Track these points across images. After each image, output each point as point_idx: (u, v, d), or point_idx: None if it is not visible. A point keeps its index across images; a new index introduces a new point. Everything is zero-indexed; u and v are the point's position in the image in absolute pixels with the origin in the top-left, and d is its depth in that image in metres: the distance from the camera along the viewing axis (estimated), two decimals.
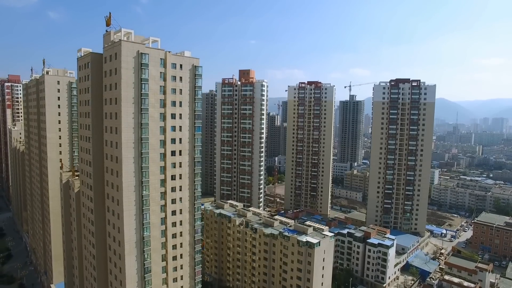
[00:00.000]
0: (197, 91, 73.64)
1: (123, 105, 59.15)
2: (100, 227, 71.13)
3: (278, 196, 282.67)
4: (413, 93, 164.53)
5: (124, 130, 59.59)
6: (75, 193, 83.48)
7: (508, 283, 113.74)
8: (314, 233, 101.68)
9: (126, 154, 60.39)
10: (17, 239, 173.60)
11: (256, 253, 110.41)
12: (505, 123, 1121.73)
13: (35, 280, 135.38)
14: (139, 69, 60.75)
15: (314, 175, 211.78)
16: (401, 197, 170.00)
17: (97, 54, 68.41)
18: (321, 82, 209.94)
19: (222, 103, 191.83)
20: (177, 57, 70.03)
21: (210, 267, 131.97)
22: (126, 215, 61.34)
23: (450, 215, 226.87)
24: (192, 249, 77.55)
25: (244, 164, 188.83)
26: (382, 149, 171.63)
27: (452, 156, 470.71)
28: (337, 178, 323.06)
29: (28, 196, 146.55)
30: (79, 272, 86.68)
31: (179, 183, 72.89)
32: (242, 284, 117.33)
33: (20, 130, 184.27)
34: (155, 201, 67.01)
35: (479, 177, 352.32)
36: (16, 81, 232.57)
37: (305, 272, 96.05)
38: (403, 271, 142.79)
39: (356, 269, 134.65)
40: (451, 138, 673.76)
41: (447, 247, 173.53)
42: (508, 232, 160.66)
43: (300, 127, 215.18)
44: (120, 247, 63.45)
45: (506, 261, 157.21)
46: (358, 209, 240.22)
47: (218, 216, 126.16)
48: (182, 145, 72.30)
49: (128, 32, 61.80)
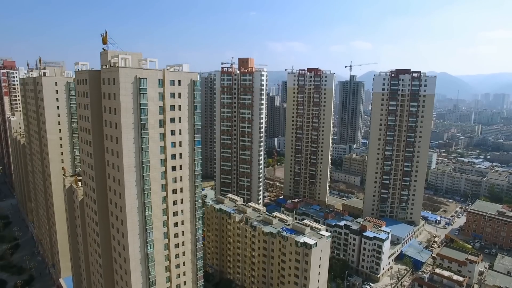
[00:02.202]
0: (196, 106, 73.76)
1: (123, 131, 59.78)
2: (105, 240, 73.84)
3: (277, 180, 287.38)
4: (413, 84, 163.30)
5: (125, 155, 60.63)
6: (79, 201, 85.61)
7: (494, 276, 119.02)
8: (312, 233, 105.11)
9: (128, 178, 61.85)
10: (23, 228, 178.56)
11: (256, 249, 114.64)
12: (506, 99, 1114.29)
13: (43, 271, 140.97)
14: (137, 94, 60.79)
15: (313, 162, 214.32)
16: (397, 187, 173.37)
17: (95, 71, 67.80)
18: (321, 70, 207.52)
19: (221, 92, 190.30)
20: (175, 73, 69.57)
21: (212, 259, 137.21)
22: (130, 235, 63.81)
23: (446, 200, 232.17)
24: (194, 256, 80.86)
25: (244, 154, 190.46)
26: (381, 140, 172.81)
27: (451, 136, 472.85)
28: (336, 160, 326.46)
29: (32, 189, 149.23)
30: (86, 271, 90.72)
31: (180, 196, 74.84)
32: (242, 277, 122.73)
33: (19, 120, 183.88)
34: (157, 217, 69.28)
35: (476, 158, 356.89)
36: (11, 67, 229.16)
37: (302, 270, 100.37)
38: (397, 260, 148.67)
39: (352, 260, 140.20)
40: (451, 116, 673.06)
41: (441, 234, 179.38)
42: (499, 221, 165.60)
43: (300, 115, 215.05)
44: (126, 263, 66.50)
45: (495, 249, 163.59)
46: (356, 193, 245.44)
47: (219, 211, 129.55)
48: (182, 159, 73.48)
49: (125, 57, 61.01)
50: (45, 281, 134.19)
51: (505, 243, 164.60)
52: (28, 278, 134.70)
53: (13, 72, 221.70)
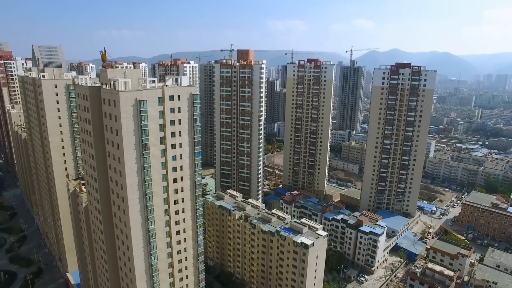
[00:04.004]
0: (196, 119, 74.95)
1: (125, 153, 61.44)
2: (111, 248, 77.14)
3: (276, 167, 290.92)
4: (413, 79, 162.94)
5: (128, 175, 62.64)
6: (84, 208, 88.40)
7: (484, 270, 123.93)
8: (309, 232, 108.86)
9: (132, 197, 64.14)
10: (29, 219, 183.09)
11: (255, 246, 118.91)
12: (508, 80, 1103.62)
13: (50, 263, 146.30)
14: (138, 116, 61.97)
15: (312, 153, 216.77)
16: (395, 180, 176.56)
17: (96, 88, 68.57)
18: (321, 61, 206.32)
19: (220, 84, 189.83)
20: (175, 88, 70.34)
21: (212, 252, 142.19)
22: (135, 249, 66.93)
23: (442, 189, 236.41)
24: (196, 260, 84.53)
25: (244, 146, 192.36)
26: (379, 133, 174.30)
27: (450, 120, 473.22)
28: (335, 147, 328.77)
29: (36, 184, 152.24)
30: (92, 272, 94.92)
31: (182, 206, 77.44)
32: (242, 270, 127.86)
33: (20, 113, 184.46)
34: (160, 229, 72.17)
35: (474, 145, 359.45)
36: (8, 58, 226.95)
37: (300, 268, 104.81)
38: (392, 252, 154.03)
39: (348, 253, 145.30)
40: (451, 100, 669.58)
41: (436, 225, 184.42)
42: (492, 213, 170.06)
43: (299, 106, 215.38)
44: (131, 273, 70.03)
45: (487, 240, 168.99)
46: (354, 182, 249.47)
47: (219, 208, 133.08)
48: (183, 171, 75.48)
49: (125, 80, 61.51)
50: (53, 274, 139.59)
51: (497, 234, 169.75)
52: (36, 270, 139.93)
53: (10, 63, 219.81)
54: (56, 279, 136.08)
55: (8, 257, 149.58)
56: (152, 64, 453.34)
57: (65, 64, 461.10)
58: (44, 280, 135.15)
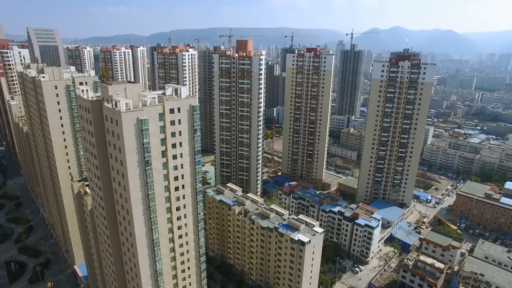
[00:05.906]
0: (196, 129, 76.77)
1: (129, 169, 63.81)
2: (117, 252, 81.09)
3: (275, 154, 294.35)
4: (412, 72, 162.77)
5: (132, 191, 65.31)
6: (89, 210, 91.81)
7: (473, 262, 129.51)
8: (306, 229, 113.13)
9: (136, 210, 67.11)
10: (34, 210, 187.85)
11: (254, 240, 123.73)
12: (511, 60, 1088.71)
13: (57, 254, 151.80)
14: (140, 135, 63.79)
15: (310, 142, 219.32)
16: (391, 172, 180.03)
17: (97, 102, 70.00)
18: (320, 50, 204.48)
19: (219, 75, 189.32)
20: (175, 101, 71.73)
21: (213, 244, 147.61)
22: (140, 257, 70.72)
23: (438, 177, 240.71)
24: (198, 260, 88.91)
25: (243, 137, 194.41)
26: (377, 126, 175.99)
27: (450, 104, 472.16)
28: (334, 132, 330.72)
29: (40, 177, 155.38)
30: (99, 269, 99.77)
31: (184, 212, 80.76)
32: (241, 262, 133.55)
33: (20, 105, 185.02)
34: (163, 236, 75.75)
35: (473, 130, 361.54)
36: (5, 46, 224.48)
37: (297, 264, 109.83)
38: (387, 242, 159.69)
39: (344, 244, 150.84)
40: (452, 82, 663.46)
41: (430, 214, 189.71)
42: (485, 204, 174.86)
43: (298, 96, 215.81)
44: (137, 278, 74.28)
45: (479, 229, 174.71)
46: (352, 169, 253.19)
47: (219, 202, 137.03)
48: (184, 179, 78.17)
49: (127, 101, 62.74)
50: (61, 264, 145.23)
51: (489, 224, 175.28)
52: (45, 261, 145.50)
53: (7, 52, 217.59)
54: (64, 270, 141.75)
55: (17, 247, 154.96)
56: (150, 46, 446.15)
57: (62, 48, 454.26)
58: (53, 271, 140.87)
